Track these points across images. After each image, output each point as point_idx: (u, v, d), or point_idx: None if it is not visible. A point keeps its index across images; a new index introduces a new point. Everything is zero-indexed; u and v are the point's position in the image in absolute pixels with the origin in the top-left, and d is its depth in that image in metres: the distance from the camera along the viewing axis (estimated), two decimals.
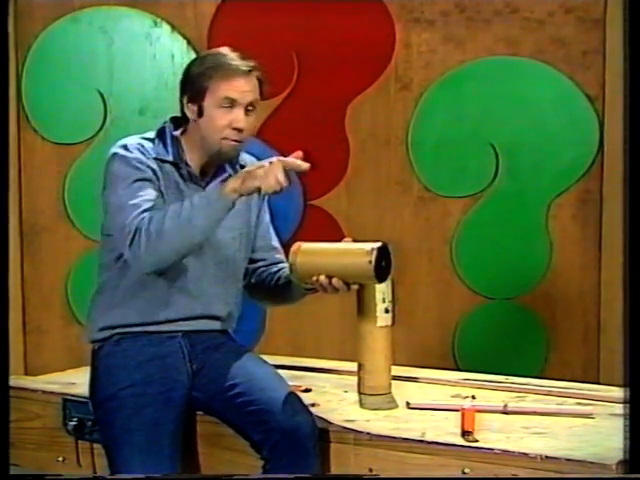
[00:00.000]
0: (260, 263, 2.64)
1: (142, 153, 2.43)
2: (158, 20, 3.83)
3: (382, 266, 2.33)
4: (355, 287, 2.37)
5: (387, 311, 2.50)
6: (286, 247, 2.52)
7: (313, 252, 2.41)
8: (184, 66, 2.53)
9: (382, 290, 2.49)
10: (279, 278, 2.59)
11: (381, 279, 2.35)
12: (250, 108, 2.45)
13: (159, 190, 2.42)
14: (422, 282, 3.84)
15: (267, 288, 2.63)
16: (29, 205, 3.88)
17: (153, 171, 2.42)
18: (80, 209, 3.84)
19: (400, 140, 3.82)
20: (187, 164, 2.48)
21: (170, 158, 2.46)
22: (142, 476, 2.26)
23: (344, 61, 3.79)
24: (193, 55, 3.60)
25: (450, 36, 3.76)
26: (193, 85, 2.45)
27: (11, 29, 3.69)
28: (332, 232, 3.66)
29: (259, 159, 2.66)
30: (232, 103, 2.42)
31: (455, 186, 3.81)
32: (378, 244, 2.34)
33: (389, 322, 2.51)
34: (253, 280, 2.65)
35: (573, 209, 3.74)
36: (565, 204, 3.75)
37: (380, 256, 2.33)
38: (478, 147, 3.78)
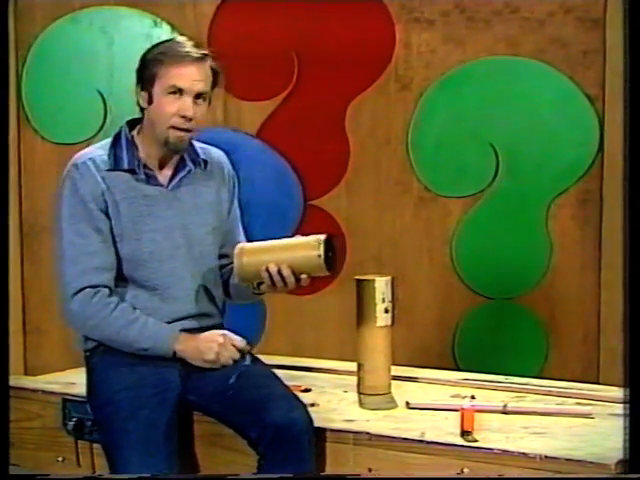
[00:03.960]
0: (224, 260, 2.62)
1: (92, 173, 2.43)
2: (158, 20, 3.82)
3: (329, 256, 2.37)
4: (304, 277, 2.39)
5: (387, 311, 2.50)
6: None
7: (258, 251, 2.43)
8: None
9: (382, 290, 2.49)
10: (230, 276, 2.60)
11: (330, 269, 2.38)
12: (200, 97, 2.44)
13: (106, 213, 2.43)
14: (422, 282, 3.84)
15: (225, 285, 2.63)
16: (29, 205, 3.88)
17: (102, 192, 2.43)
18: None
19: (400, 140, 3.81)
20: (145, 166, 2.48)
21: (125, 166, 2.46)
22: (142, 476, 2.26)
23: (344, 61, 3.78)
24: None
25: (450, 36, 3.76)
26: (144, 72, 2.47)
27: (11, 29, 3.69)
28: (332, 232, 3.66)
29: (229, 155, 2.68)
30: (180, 91, 2.41)
31: (455, 186, 3.81)
32: (323, 236, 2.37)
33: (389, 322, 2.52)
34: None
35: (573, 209, 3.74)
36: (565, 204, 3.74)
37: (327, 247, 2.36)
38: (478, 147, 3.77)
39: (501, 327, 3.82)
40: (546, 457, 2.07)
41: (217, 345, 2.42)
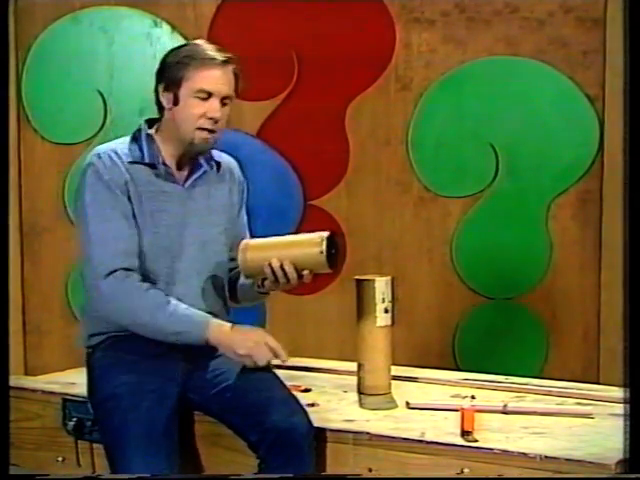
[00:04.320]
0: (231, 264, 2.63)
1: (115, 162, 2.45)
2: (158, 20, 3.83)
3: (332, 253, 2.39)
4: (306, 272, 2.40)
5: (387, 311, 2.50)
6: None
7: (262, 247, 2.44)
8: None
9: (382, 290, 2.50)
10: (238, 278, 2.62)
11: (332, 266, 2.39)
12: (225, 100, 2.47)
13: (129, 201, 2.44)
14: (422, 282, 3.84)
15: (232, 288, 2.64)
16: (29, 205, 3.88)
17: (125, 182, 2.44)
18: None
19: (400, 140, 3.82)
20: (164, 163, 2.50)
21: (146, 160, 2.48)
22: (142, 476, 2.26)
23: (344, 61, 3.79)
24: None
25: (450, 36, 3.76)
26: (169, 73, 2.47)
27: (11, 29, 3.69)
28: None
29: (236, 157, 2.69)
30: (208, 94, 2.44)
31: (455, 186, 3.81)
32: (326, 233, 2.39)
33: (389, 322, 2.52)
34: None
35: (573, 209, 3.74)
36: (565, 204, 3.74)
37: (330, 245, 2.37)
38: (478, 147, 3.77)
39: (501, 327, 3.83)
40: (546, 457, 2.07)
41: (252, 342, 2.40)
